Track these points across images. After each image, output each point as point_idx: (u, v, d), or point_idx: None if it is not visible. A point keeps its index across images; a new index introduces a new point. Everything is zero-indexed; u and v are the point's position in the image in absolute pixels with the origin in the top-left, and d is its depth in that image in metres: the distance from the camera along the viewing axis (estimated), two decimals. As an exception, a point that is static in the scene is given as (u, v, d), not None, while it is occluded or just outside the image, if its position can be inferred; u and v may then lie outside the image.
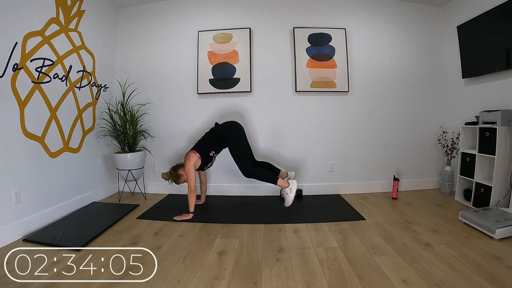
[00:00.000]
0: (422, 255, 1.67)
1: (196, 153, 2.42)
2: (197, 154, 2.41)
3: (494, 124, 2.27)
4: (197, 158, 2.41)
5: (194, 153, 2.42)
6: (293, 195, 2.40)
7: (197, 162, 2.42)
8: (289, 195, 2.40)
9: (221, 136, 2.47)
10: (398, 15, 3.08)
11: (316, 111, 3.05)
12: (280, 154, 3.04)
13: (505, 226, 1.82)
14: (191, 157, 2.40)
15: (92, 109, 2.83)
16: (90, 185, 2.79)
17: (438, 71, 3.14)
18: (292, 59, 3.02)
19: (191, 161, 2.38)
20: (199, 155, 2.41)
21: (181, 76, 3.10)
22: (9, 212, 1.92)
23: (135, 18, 3.16)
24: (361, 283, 1.39)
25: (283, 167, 2.91)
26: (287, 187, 2.42)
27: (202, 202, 2.75)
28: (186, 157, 2.43)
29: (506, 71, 2.38)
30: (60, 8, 2.34)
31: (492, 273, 1.45)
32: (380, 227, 2.12)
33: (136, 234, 2.04)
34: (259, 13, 3.04)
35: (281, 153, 3.05)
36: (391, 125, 3.11)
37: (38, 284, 1.40)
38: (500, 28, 2.38)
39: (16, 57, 1.95)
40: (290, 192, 2.40)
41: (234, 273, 1.51)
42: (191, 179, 2.34)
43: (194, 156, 2.41)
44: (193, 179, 2.35)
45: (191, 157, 2.40)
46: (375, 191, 3.09)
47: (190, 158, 2.39)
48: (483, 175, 2.45)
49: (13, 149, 1.96)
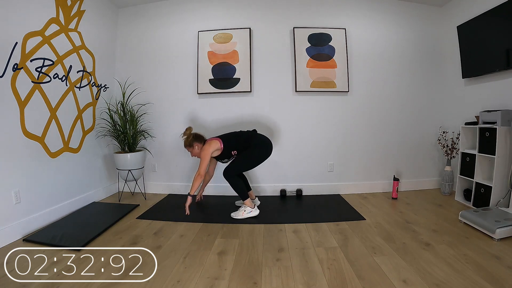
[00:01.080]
0: (422, 255, 1.67)
1: (221, 143, 2.36)
2: (221, 145, 2.35)
3: (494, 124, 2.27)
4: (219, 148, 2.35)
5: (219, 142, 2.35)
6: (244, 216, 2.33)
7: (217, 151, 2.35)
8: (243, 212, 2.33)
9: (251, 144, 2.39)
10: (398, 15, 3.08)
11: (316, 111, 3.05)
12: (280, 154, 3.04)
13: (505, 226, 1.82)
14: (213, 144, 2.33)
15: (92, 109, 2.83)
16: (90, 185, 2.79)
17: (438, 71, 3.14)
18: (292, 59, 3.02)
19: (211, 147, 2.32)
20: (222, 146, 2.35)
21: (181, 76, 3.10)
22: (9, 212, 1.92)
23: (135, 18, 3.16)
24: (361, 283, 1.39)
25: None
26: (249, 208, 2.36)
27: (199, 196, 2.75)
28: (208, 141, 2.37)
29: (506, 71, 2.38)
30: (60, 8, 2.34)
31: (492, 273, 1.45)
32: (380, 227, 2.12)
33: (136, 234, 2.04)
34: (259, 13, 3.04)
35: (281, 153, 3.04)
36: (391, 125, 3.11)
37: (38, 284, 1.40)
38: (500, 28, 2.38)
39: (16, 57, 1.94)
40: (247, 213, 2.34)
41: (234, 273, 1.51)
42: (203, 164, 2.29)
43: (218, 144, 2.34)
44: (205, 165, 2.29)
45: (213, 143, 2.34)
46: (375, 191, 3.09)
47: (211, 144, 2.33)
48: (483, 175, 2.45)
49: (13, 149, 1.96)
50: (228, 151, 2.41)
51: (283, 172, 3.07)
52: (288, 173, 3.07)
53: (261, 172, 3.04)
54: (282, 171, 3.07)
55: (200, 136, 2.50)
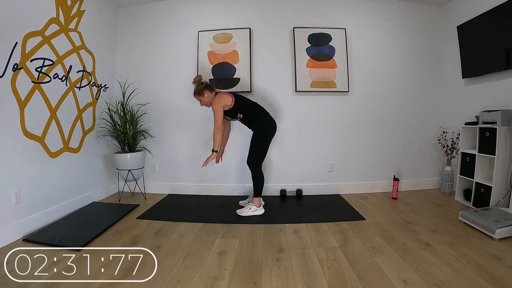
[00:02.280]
0: (422, 255, 1.67)
1: (233, 100, 2.33)
2: (233, 102, 2.32)
3: (494, 124, 2.27)
4: (229, 105, 2.30)
5: (231, 98, 2.32)
6: (251, 214, 2.37)
7: (227, 106, 2.31)
8: (249, 211, 2.37)
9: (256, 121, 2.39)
10: (398, 15, 3.08)
11: (316, 111, 3.05)
12: (280, 154, 3.04)
13: (505, 226, 1.82)
14: (225, 97, 2.31)
15: (92, 109, 2.83)
16: (90, 185, 2.79)
17: (438, 71, 3.14)
18: (292, 59, 3.02)
19: (222, 99, 2.30)
20: (233, 104, 2.32)
21: (181, 76, 3.09)
22: (9, 212, 1.92)
23: (135, 18, 3.16)
24: (361, 283, 1.39)
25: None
26: (255, 206, 2.40)
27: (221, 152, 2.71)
28: (219, 94, 2.34)
29: (506, 71, 2.38)
30: (60, 8, 2.34)
31: (492, 273, 1.45)
32: (380, 227, 2.13)
33: (136, 234, 2.04)
34: (259, 13, 3.04)
35: (281, 153, 3.04)
36: (391, 125, 3.11)
37: (38, 284, 1.40)
38: (500, 28, 2.38)
39: (16, 57, 1.94)
40: (253, 211, 2.38)
41: (234, 273, 1.51)
42: (218, 116, 2.26)
43: (229, 99, 2.31)
44: (220, 117, 2.26)
45: (224, 97, 2.31)
46: (375, 191, 3.09)
47: (222, 97, 2.31)
48: (483, 175, 2.45)
49: (13, 149, 1.96)
50: (235, 112, 2.39)
51: (283, 172, 3.07)
52: (288, 173, 3.07)
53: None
54: (282, 171, 3.07)
55: (210, 85, 2.46)
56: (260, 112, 2.49)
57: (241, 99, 2.47)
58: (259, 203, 2.43)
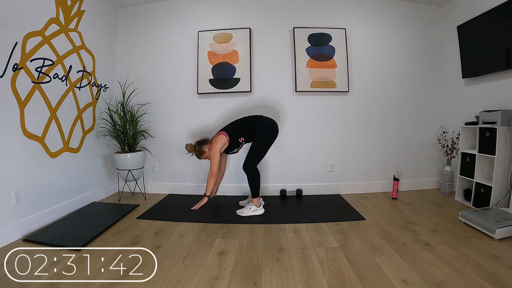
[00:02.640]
0: (422, 255, 1.67)
1: (226, 135, 2.37)
2: (227, 137, 2.36)
3: (494, 124, 2.27)
4: (226, 141, 2.36)
5: (224, 135, 2.36)
6: (251, 214, 2.37)
7: (225, 145, 2.37)
8: (249, 211, 2.37)
9: (256, 129, 2.39)
10: (398, 15, 3.08)
11: (316, 111, 3.05)
12: (280, 154, 3.04)
13: (505, 226, 1.82)
14: (220, 139, 2.35)
15: (92, 109, 2.83)
16: (90, 185, 2.79)
17: (438, 71, 3.14)
18: (292, 59, 3.02)
19: (218, 143, 2.33)
20: (228, 138, 2.36)
21: (181, 76, 3.10)
22: (9, 212, 1.92)
23: (135, 18, 3.16)
24: (361, 283, 1.39)
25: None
26: (255, 206, 2.40)
27: (214, 193, 2.73)
28: (214, 139, 2.38)
29: (506, 71, 2.38)
30: (60, 8, 2.34)
31: (492, 273, 1.45)
32: (380, 227, 2.12)
33: (136, 234, 2.04)
34: (259, 13, 3.04)
35: (281, 153, 3.04)
36: (391, 125, 3.11)
37: (38, 284, 1.40)
38: (500, 28, 2.38)
39: (16, 57, 1.94)
40: (253, 211, 2.38)
41: (234, 273, 1.51)
42: (214, 163, 2.31)
43: (224, 138, 2.35)
44: (216, 163, 2.31)
45: (219, 139, 2.35)
46: (375, 191, 3.09)
47: (218, 140, 2.34)
48: (483, 175, 2.45)
49: (13, 149, 1.96)
50: (235, 141, 2.42)
51: (283, 172, 3.07)
52: (288, 173, 3.07)
53: (261, 172, 3.03)
54: (282, 171, 3.07)
55: (202, 139, 2.50)
56: (257, 122, 2.48)
57: (232, 127, 2.48)
58: (258, 203, 2.43)
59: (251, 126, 2.44)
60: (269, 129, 2.45)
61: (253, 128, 2.43)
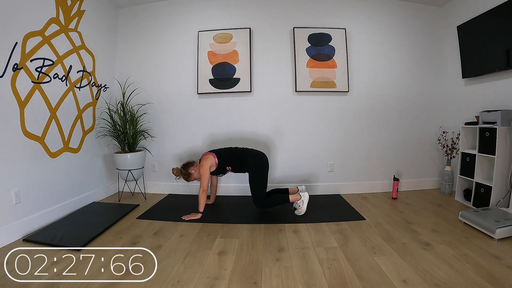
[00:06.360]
0: (422, 255, 1.67)
1: (216, 157, 2.38)
2: (216, 159, 2.38)
3: (494, 124, 2.27)
4: (214, 163, 2.38)
5: (213, 157, 2.38)
6: (305, 206, 2.37)
7: (213, 166, 2.38)
8: (301, 207, 2.38)
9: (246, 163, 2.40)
10: (398, 15, 3.08)
11: (316, 111, 3.05)
12: (280, 154, 3.04)
13: (505, 226, 1.82)
14: (209, 159, 2.37)
15: (92, 109, 2.83)
16: (90, 185, 2.79)
17: (438, 71, 3.14)
18: (292, 59, 3.02)
19: (208, 162, 2.35)
20: (217, 161, 2.38)
21: (181, 76, 3.10)
22: (9, 212, 1.92)
23: (135, 18, 3.16)
24: (361, 283, 1.39)
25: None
26: (299, 200, 2.41)
27: (211, 202, 2.74)
28: (204, 157, 2.40)
29: (506, 71, 2.38)
30: (60, 8, 2.34)
31: (492, 273, 1.45)
32: (380, 227, 2.12)
33: (136, 234, 2.04)
34: (259, 13, 3.04)
35: (281, 153, 3.04)
36: (391, 125, 3.11)
37: (38, 284, 1.40)
38: (500, 28, 2.38)
39: (16, 57, 1.94)
40: (302, 204, 2.38)
41: (234, 273, 1.51)
42: (204, 180, 2.32)
43: (213, 159, 2.38)
44: (206, 179, 2.33)
45: (209, 158, 2.37)
46: (375, 191, 3.09)
47: (208, 159, 2.36)
48: (483, 175, 2.45)
49: (13, 149, 1.96)
50: (223, 167, 2.43)
51: (283, 172, 3.07)
52: (288, 173, 3.07)
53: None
54: (282, 171, 3.06)
55: (188, 162, 2.50)
56: (246, 154, 2.47)
57: (223, 152, 2.48)
58: (297, 197, 2.41)
59: (240, 159, 2.43)
60: (260, 163, 2.43)
61: (243, 162, 2.42)
